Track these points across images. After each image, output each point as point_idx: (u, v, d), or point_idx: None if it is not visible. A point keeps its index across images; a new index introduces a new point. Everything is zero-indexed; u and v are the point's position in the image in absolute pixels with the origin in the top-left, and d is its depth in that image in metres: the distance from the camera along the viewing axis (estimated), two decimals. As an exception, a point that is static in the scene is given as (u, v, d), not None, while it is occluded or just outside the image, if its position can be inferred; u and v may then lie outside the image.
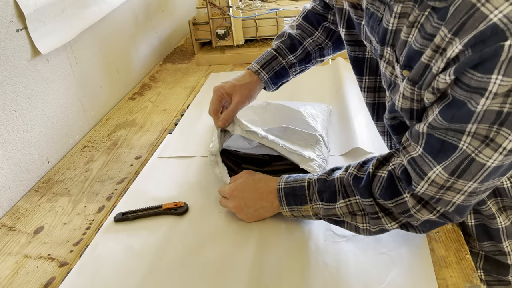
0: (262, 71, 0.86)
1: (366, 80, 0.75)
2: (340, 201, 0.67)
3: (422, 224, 0.63)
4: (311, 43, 0.86)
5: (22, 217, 0.88)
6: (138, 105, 1.31)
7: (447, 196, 0.58)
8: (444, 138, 0.54)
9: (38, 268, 0.75)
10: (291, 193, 0.71)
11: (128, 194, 0.89)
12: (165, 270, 0.70)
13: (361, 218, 0.66)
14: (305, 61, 0.88)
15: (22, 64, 0.96)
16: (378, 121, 0.79)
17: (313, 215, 0.71)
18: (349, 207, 0.66)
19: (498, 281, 0.76)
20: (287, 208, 0.72)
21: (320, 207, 0.69)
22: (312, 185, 0.70)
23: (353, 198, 0.66)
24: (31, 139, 0.99)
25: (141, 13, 1.54)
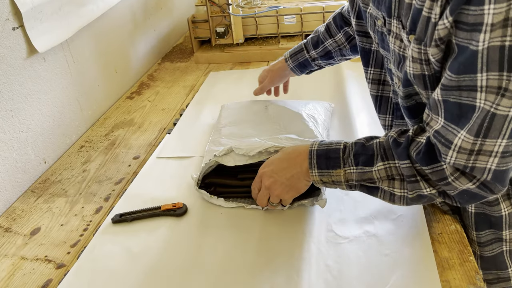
0: (289, 59, 1.02)
1: (371, 72, 0.80)
2: (379, 164, 0.64)
3: (460, 194, 0.60)
4: (332, 44, 0.97)
5: (18, 218, 0.88)
6: (136, 105, 1.31)
7: (480, 162, 0.56)
8: (460, 100, 0.54)
9: (35, 270, 0.75)
10: (323, 155, 0.68)
11: (126, 195, 0.89)
12: (164, 273, 0.70)
13: (399, 183, 0.64)
14: (326, 57, 1.00)
15: (18, 62, 0.96)
16: (380, 114, 0.82)
17: (344, 182, 0.67)
18: (387, 171, 0.63)
19: (498, 278, 0.76)
20: (317, 172, 0.69)
21: (354, 171, 0.66)
22: (348, 148, 0.67)
23: (393, 161, 0.63)
24: (28, 139, 0.99)
25: (139, 11, 1.54)
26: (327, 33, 0.97)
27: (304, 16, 1.49)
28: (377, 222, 0.75)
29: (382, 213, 0.76)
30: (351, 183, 0.67)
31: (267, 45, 1.53)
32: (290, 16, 1.51)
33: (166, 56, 1.70)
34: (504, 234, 0.72)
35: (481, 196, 0.60)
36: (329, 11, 1.47)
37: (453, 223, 0.74)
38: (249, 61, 1.52)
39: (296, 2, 1.59)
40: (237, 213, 0.80)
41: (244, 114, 1.02)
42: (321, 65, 1.02)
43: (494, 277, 0.75)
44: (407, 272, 0.65)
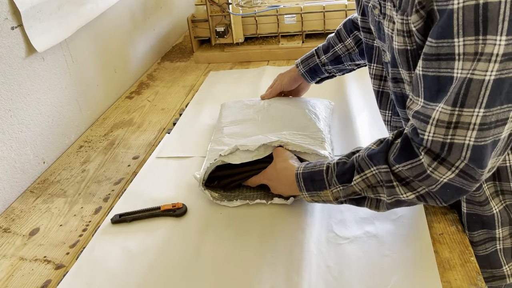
0: (300, 65, 1.04)
1: (374, 67, 0.82)
2: (356, 177, 0.65)
3: (442, 189, 0.59)
4: (341, 48, 0.99)
5: (17, 219, 0.88)
6: (136, 104, 1.31)
7: (458, 138, 0.55)
8: (439, 73, 0.55)
9: (34, 270, 0.75)
10: (309, 178, 0.71)
11: (126, 195, 0.89)
12: (163, 273, 0.70)
13: (381, 189, 0.64)
14: (335, 62, 1.01)
15: (17, 62, 0.96)
16: (381, 109, 0.85)
17: (333, 200, 0.70)
18: (366, 181, 0.65)
19: (493, 277, 0.76)
20: (307, 194, 0.72)
21: (340, 190, 0.68)
22: (330, 169, 0.69)
23: (368, 170, 0.64)
24: (26, 138, 0.99)
25: (139, 11, 1.54)
26: (337, 38, 1.00)
27: (304, 15, 1.49)
28: (377, 222, 0.75)
29: (382, 214, 0.76)
30: (340, 200, 0.69)
31: (267, 45, 1.53)
32: (290, 15, 1.50)
33: (165, 55, 1.70)
34: (497, 232, 0.72)
35: (464, 189, 0.59)
36: (330, 10, 1.47)
37: (454, 223, 0.74)
38: (249, 60, 1.52)
39: (296, 1, 1.59)
40: (237, 214, 0.80)
41: (245, 112, 1.02)
42: (331, 72, 1.03)
43: (489, 275, 0.75)
44: (407, 273, 0.65)
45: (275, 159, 0.80)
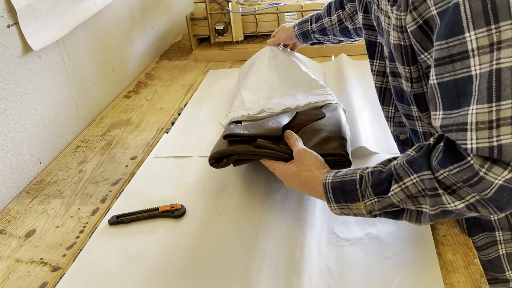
0: (296, 26, 1.13)
1: (376, 64, 0.82)
2: (394, 187, 0.59)
3: (497, 194, 0.52)
4: (327, 22, 1.06)
5: (13, 220, 0.88)
6: (134, 104, 1.31)
7: (505, 137, 0.49)
8: (455, 75, 0.52)
9: (30, 273, 0.75)
10: (339, 188, 0.65)
11: (123, 196, 0.89)
12: (162, 275, 0.70)
13: (423, 199, 0.58)
14: (322, 33, 1.09)
15: (13, 61, 0.96)
16: (384, 105, 0.84)
17: (367, 213, 0.64)
18: (405, 191, 0.59)
19: (495, 279, 0.76)
20: (336, 206, 0.66)
21: (375, 202, 0.62)
22: (364, 178, 0.64)
23: (408, 179, 0.58)
24: (22, 138, 0.99)
25: (137, 8, 1.54)
26: (327, 11, 1.06)
27: (305, 13, 1.49)
28: (379, 224, 0.75)
29: (384, 215, 0.76)
30: (374, 213, 0.64)
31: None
32: (291, 13, 1.50)
33: (164, 54, 1.70)
34: (497, 235, 0.72)
35: None
36: (331, 8, 1.47)
37: (457, 225, 0.74)
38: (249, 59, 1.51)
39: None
40: (236, 215, 0.80)
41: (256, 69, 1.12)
42: (320, 40, 1.12)
43: (491, 278, 0.75)
44: (410, 275, 0.65)
45: (298, 165, 0.74)
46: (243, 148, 0.80)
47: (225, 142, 0.80)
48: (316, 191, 0.69)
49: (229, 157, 0.80)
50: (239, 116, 0.95)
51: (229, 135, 0.80)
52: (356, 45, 1.45)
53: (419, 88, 0.65)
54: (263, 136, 0.80)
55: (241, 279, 0.67)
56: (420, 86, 0.65)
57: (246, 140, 0.81)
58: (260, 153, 0.79)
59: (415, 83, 0.65)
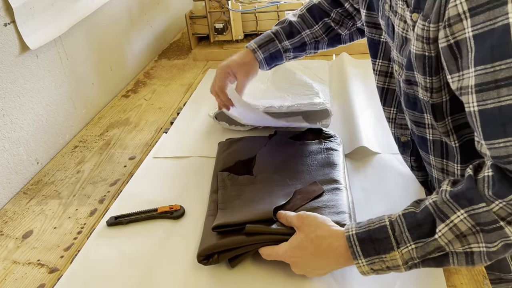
0: (258, 50, 0.93)
1: (379, 63, 0.79)
2: (441, 226, 0.53)
3: None
4: (309, 35, 0.94)
5: (10, 221, 0.88)
6: (132, 103, 1.31)
7: None
8: (500, 103, 0.48)
9: (27, 274, 0.75)
10: (367, 239, 0.57)
11: (122, 196, 0.89)
12: (160, 277, 0.70)
13: (474, 237, 0.53)
14: (299, 49, 0.96)
15: (10, 60, 0.96)
16: (385, 106, 0.82)
17: (403, 264, 0.56)
18: (453, 230, 0.53)
19: (500, 279, 0.76)
20: (365, 261, 0.57)
21: (414, 248, 0.55)
22: (397, 223, 0.57)
23: (455, 215, 0.53)
24: (20, 138, 0.99)
25: (135, 7, 1.54)
26: (304, 24, 0.94)
27: (305, 11, 1.49)
28: (381, 224, 0.75)
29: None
30: (412, 263, 0.56)
31: (268, 42, 1.53)
32: (291, 11, 1.50)
33: (163, 53, 1.70)
34: None
35: None
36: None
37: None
38: (248, 58, 1.51)
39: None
40: (236, 216, 0.80)
41: None
42: (290, 58, 0.97)
43: (496, 278, 0.76)
44: (412, 277, 0.65)
45: (304, 229, 0.64)
46: (233, 241, 0.68)
47: (213, 234, 0.70)
48: (336, 249, 0.60)
49: (220, 253, 0.69)
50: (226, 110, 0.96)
51: (217, 226, 0.70)
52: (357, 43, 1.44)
53: (438, 98, 0.62)
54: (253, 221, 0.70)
55: (239, 280, 0.67)
56: (440, 96, 0.62)
57: (236, 229, 0.70)
58: (254, 242, 0.68)
59: (435, 93, 0.62)
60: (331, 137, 0.91)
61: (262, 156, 0.88)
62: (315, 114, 1.02)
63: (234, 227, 0.69)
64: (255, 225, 0.68)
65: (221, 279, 0.68)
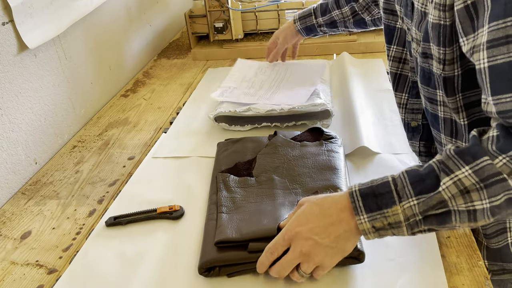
0: (298, 21, 1.15)
1: (393, 49, 0.84)
2: (445, 179, 0.54)
3: None
4: (338, 14, 1.09)
5: (8, 222, 0.88)
6: (131, 103, 1.31)
7: None
8: (509, 58, 0.49)
9: (26, 275, 0.75)
10: (371, 194, 0.58)
11: (121, 197, 0.89)
12: (160, 278, 0.70)
13: (477, 194, 0.53)
14: (331, 26, 1.12)
15: (8, 59, 0.96)
16: (397, 92, 0.86)
17: (404, 221, 0.56)
18: (457, 184, 0.53)
19: (503, 270, 0.77)
20: (367, 217, 0.57)
21: (416, 203, 0.55)
22: (400, 178, 0.57)
23: (460, 171, 0.53)
24: (18, 138, 0.99)
25: (134, 5, 1.54)
26: (336, 4, 1.08)
27: (306, 10, 1.49)
28: (382, 225, 0.75)
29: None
30: (414, 220, 0.56)
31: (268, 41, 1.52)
32: (291, 10, 1.50)
33: (162, 52, 1.70)
34: (508, 222, 0.72)
35: None
36: (332, 5, 1.47)
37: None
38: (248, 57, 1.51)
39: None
40: (236, 216, 0.80)
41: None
42: (326, 32, 1.15)
43: (499, 268, 0.76)
44: (413, 278, 0.65)
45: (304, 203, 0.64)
46: (236, 256, 0.67)
47: (214, 247, 0.69)
48: (338, 203, 0.60)
49: (221, 267, 0.68)
50: (226, 112, 1.04)
51: (220, 241, 0.69)
52: (358, 43, 1.45)
53: (450, 71, 0.65)
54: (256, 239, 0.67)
55: (239, 281, 0.67)
56: (452, 69, 0.64)
57: (239, 245, 0.68)
58: (256, 259, 0.65)
59: (447, 65, 0.64)
60: (332, 138, 0.91)
61: (262, 157, 0.88)
62: (316, 114, 1.03)
63: (236, 243, 0.68)
64: (258, 243, 0.66)
65: (220, 279, 0.68)
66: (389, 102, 1.12)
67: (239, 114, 1.04)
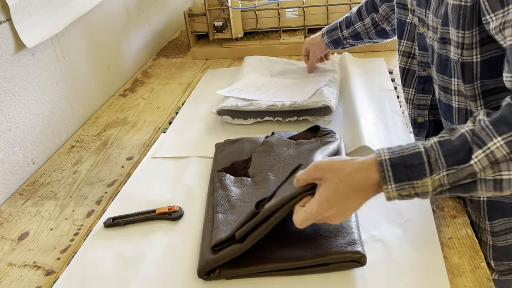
0: (325, 35, 1.18)
1: (403, 44, 0.86)
2: (478, 152, 0.54)
3: None
4: (360, 26, 1.11)
5: (5, 222, 0.88)
6: (130, 102, 1.31)
7: None
8: None
9: (23, 277, 0.75)
10: (401, 164, 0.57)
11: (119, 197, 0.89)
12: (159, 279, 0.70)
13: (506, 165, 0.53)
14: (356, 38, 1.14)
15: (5, 58, 0.96)
16: (405, 87, 0.89)
17: (432, 191, 0.57)
18: (489, 157, 0.53)
19: (510, 269, 0.77)
20: (395, 187, 0.57)
21: (446, 175, 0.55)
22: (432, 149, 0.57)
23: (492, 142, 0.54)
24: (15, 138, 0.99)
25: (133, 4, 1.54)
26: (358, 16, 1.11)
27: (306, 9, 1.49)
28: (384, 226, 0.75)
29: (389, 217, 0.76)
30: (440, 190, 0.57)
31: (268, 40, 1.53)
32: (292, 9, 1.50)
33: (161, 51, 1.70)
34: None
35: None
36: (333, 4, 1.47)
37: (463, 227, 0.74)
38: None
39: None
40: (236, 217, 0.80)
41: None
42: (353, 44, 1.17)
43: (506, 268, 0.76)
44: (415, 279, 0.65)
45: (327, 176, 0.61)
46: (230, 252, 0.66)
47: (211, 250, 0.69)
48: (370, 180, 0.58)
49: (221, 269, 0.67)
50: (229, 106, 1.06)
51: (215, 245, 0.68)
52: (359, 42, 1.45)
53: (468, 56, 0.65)
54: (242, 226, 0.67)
55: (239, 282, 0.67)
56: (470, 54, 0.64)
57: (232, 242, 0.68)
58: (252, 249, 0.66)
59: (465, 50, 0.65)
60: (327, 134, 0.92)
61: (258, 156, 0.89)
62: (318, 110, 1.05)
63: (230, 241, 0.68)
64: (243, 228, 0.66)
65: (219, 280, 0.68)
66: (390, 102, 1.12)
67: (242, 109, 1.06)
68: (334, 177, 0.60)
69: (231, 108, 1.07)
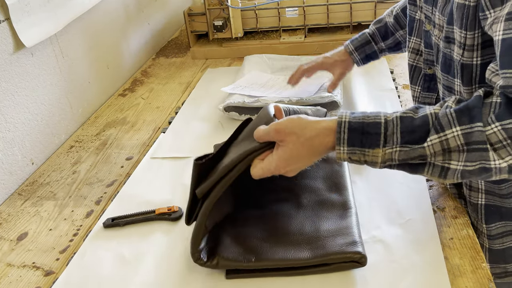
0: (355, 52, 1.04)
1: (412, 41, 0.85)
2: (433, 137, 0.55)
3: None
4: (402, 35, 1.00)
5: (4, 223, 0.88)
6: (129, 102, 1.31)
7: None
8: None
9: (22, 277, 0.75)
10: (359, 129, 0.58)
11: (119, 198, 0.89)
12: (158, 280, 0.70)
13: (457, 155, 0.55)
14: (395, 48, 1.04)
15: (4, 57, 0.96)
16: (412, 84, 0.88)
17: (380, 162, 0.59)
18: (443, 144, 0.55)
19: (505, 272, 0.77)
20: (347, 150, 0.59)
21: (398, 151, 0.57)
22: (392, 123, 0.58)
23: (450, 131, 0.55)
24: (14, 138, 0.99)
25: (133, 3, 1.54)
26: (398, 24, 1.00)
27: (307, 8, 1.49)
28: (384, 226, 0.75)
29: (389, 218, 0.76)
30: (389, 163, 0.59)
31: (268, 39, 1.53)
32: (292, 8, 1.50)
33: (160, 51, 1.70)
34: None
35: None
36: (333, 3, 1.47)
37: (464, 227, 0.74)
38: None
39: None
40: (236, 217, 0.80)
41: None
42: (386, 55, 1.08)
43: (501, 271, 0.76)
44: (416, 280, 0.65)
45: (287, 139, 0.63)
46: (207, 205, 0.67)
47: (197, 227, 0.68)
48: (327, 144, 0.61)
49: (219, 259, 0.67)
50: (235, 102, 1.08)
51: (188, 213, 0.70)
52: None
53: (469, 58, 0.65)
54: None
55: (239, 283, 0.67)
56: (471, 56, 0.65)
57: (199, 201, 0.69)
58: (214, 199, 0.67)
59: (466, 51, 0.65)
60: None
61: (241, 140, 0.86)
62: (324, 105, 1.06)
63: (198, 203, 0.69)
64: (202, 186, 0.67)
65: (218, 281, 0.68)
66: (392, 102, 1.12)
67: (249, 105, 1.07)
68: (296, 140, 0.62)
69: (237, 104, 1.08)
